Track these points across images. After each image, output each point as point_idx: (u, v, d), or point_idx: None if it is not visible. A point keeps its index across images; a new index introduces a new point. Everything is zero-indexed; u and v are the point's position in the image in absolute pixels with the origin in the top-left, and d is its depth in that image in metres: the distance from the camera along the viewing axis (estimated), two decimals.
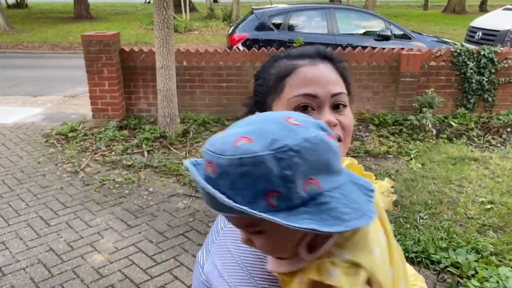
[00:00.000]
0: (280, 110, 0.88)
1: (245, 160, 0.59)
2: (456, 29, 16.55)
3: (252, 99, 0.99)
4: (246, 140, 0.61)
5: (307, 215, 0.59)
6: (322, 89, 0.88)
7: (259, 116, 0.68)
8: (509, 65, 5.94)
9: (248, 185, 0.59)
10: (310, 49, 0.94)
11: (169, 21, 5.24)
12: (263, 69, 0.97)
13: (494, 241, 3.32)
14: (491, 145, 5.28)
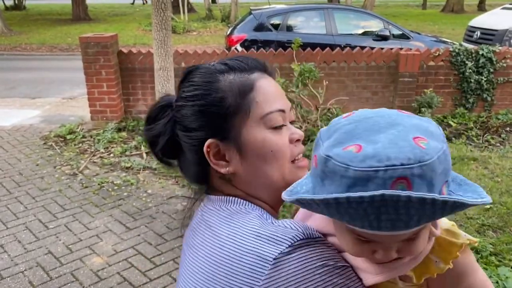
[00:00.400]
0: (254, 132, 0.80)
1: (441, 156, 0.58)
2: (455, 29, 16.56)
3: (185, 125, 0.84)
4: (424, 141, 0.59)
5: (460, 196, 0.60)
6: (285, 103, 0.85)
7: (361, 114, 0.68)
8: (507, 65, 5.94)
9: (445, 174, 0.60)
10: (251, 61, 0.87)
11: (167, 22, 5.23)
12: (199, 85, 0.83)
13: (493, 241, 3.32)
14: (490, 145, 5.28)
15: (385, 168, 0.55)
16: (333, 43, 7.20)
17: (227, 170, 0.83)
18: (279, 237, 0.71)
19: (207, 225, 0.83)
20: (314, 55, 5.91)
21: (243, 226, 0.77)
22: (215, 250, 0.77)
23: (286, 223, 0.75)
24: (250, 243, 0.73)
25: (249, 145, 0.81)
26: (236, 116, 0.81)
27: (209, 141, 0.81)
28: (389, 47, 6.36)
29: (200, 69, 0.86)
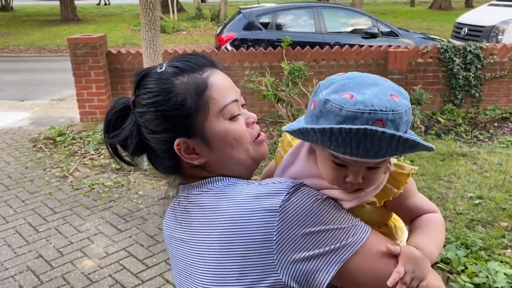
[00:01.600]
0: (216, 125, 0.91)
1: (407, 111, 0.78)
2: (443, 25, 16.68)
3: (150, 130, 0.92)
4: (397, 98, 0.78)
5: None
6: (236, 92, 0.96)
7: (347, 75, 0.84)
8: (494, 61, 6.00)
9: (407, 124, 0.79)
10: (199, 59, 0.94)
11: (156, 22, 5.20)
12: (156, 92, 0.89)
13: (483, 236, 3.35)
14: (478, 140, 5.33)
15: (369, 111, 0.74)
16: (323, 42, 7.21)
17: (199, 161, 0.93)
18: (276, 190, 0.84)
19: (200, 208, 0.90)
20: (304, 54, 5.92)
21: (239, 194, 0.87)
22: (222, 223, 0.85)
23: (272, 180, 0.88)
24: (253, 204, 0.83)
25: (214, 137, 0.91)
26: (197, 114, 0.89)
27: (178, 140, 0.91)
28: (378, 44, 6.39)
29: (153, 75, 0.92)
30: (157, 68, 0.93)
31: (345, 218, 0.85)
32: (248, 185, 0.90)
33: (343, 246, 0.82)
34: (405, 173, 0.92)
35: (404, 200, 0.95)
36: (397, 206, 0.96)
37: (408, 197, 0.96)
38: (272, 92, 4.96)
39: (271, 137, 5.41)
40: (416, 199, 0.97)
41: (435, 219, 0.97)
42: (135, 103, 0.93)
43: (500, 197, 3.89)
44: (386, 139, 0.74)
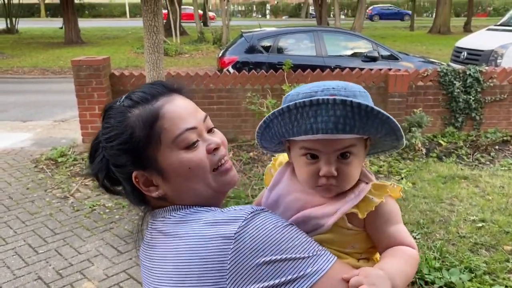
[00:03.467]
0: (168, 156, 0.88)
1: (362, 92, 0.88)
2: (442, 49, 16.88)
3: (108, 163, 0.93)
4: (345, 85, 0.89)
5: None
6: (195, 118, 0.91)
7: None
8: (494, 84, 6.05)
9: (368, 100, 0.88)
10: (155, 87, 0.92)
11: (159, 45, 5.28)
12: (113, 126, 0.90)
13: (487, 259, 3.32)
14: (480, 163, 5.33)
15: (322, 89, 0.84)
16: (323, 65, 7.29)
17: (158, 193, 0.92)
18: (233, 217, 0.82)
19: (163, 234, 0.89)
20: (305, 76, 5.98)
21: (198, 221, 0.85)
22: (179, 250, 0.84)
23: (234, 208, 0.87)
24: (209, 231, 0.81)
25: (168, 168, 0.89)
26: (149, 146, 0.88)
27: (135, 173, 0.91)
28: (378, 68, 6.46)
29: (112, 109, 0.92)
30: (118, 101, 0.93)
31: (306, 247, 0.81)
32: (209, 212, 0.88)
33: (301, 276, 0.78)
34: (386, 185, 0.93)
35: (384, 224, 0.93)
36: (376, 230, 0.94)
37: (390, 222, 0.94)
38: None
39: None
40: (398, 229, 0.95)
41: (409, 252, 0.93)
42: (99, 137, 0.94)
43: (503, 220, 3.87)
44: (339, 106, 0.80)
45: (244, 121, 6.05)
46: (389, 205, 0.94)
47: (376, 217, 0.92)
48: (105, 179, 0.95)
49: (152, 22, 5.14)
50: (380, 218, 0.93)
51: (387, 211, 0.93)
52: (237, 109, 5.96)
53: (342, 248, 0.94)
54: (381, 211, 0.92)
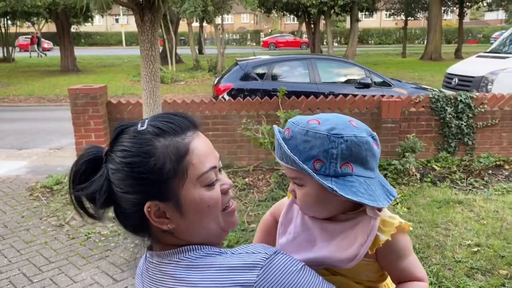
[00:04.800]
0: (191, 193, 0.87)
1: (310, 133, 0.91)
2: (434, 76, 17.17)
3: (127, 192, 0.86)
4: (316, 122, 0.93)
5: (335, 183, 0.89)
6: (215, 158, 0.93)
7: (334, 114, 0.97)
8: (485, 110, 6.16)
9: (307, 149, 0.91)
10: (183, 120, 0.90)
11: (156, 73, 5.37)
12: (134, 152, 0.85)
13: (483, 284, 3.32)
14: (474, 188, 5.37)
15: (290, 123, 0.97)
16: (317, 91, 7.40)
17: (168, 226, 0.88)
18: (250, 263, 0.83)
19: (173, 279, 0.86)
20: (299, 103, 6.07)
21: (212, 266, 0.84)
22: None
23: (246, 250, 0.88)
24: (227, 279, 0.81)
25: (187, 203, 0.87)
26: (174, 180, 0.85)
27: (149, 203, 0.86)
28: (371, 94, 6.57)
29: (132, 132, 0.87)
30: (138, 125, 0.89)
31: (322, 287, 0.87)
32: (220, 255, 0.87)
33: None
34: (394, 223, 0.96)
35: (395, 260, 0.98)
36: (389, 264, 0.99)
37: (400, 258, 0.98)
38: (269, 140, 5.04)
39: (268, 184, 5.44)
40: (408, 263, 0.99)
41: (421, 286, 0.99)
42: (108, 157, 0.88)
43: (498, 244, 3.89)
44: (279, 146, 0.94)
45: (239, 147, 6.10)
46: (398, 242, 0.97)
47: (386, 253, 0.97)
48: (103, 202, 0.87)
49: (149, 52, 5.24)
50: (390, 255, 0.97)
51: (396, 248, 0.97)
52: (232, 135, 6.02)
53: (357, 277, 1.01)
54: (390, 248, 0.96)
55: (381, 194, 0.93)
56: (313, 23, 23.98)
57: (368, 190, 0.91)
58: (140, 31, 5.22)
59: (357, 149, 0.91)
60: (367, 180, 0.92)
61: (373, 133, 0.95)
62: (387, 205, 0.93)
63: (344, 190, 0.89)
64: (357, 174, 0.91)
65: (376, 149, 0.94)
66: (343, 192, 0.88)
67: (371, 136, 0.94)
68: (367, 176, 0.92)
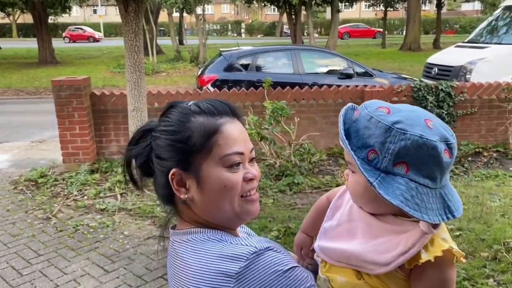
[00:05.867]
0: (212, 169, 0.93)
1: (373, 120, 0.87)
2: (413, 66, 17.43)
3: (163, 153, 0.96)
4: (386, 110, 0.88)
5: (381, 179, 0.85)
6: (245, 146, 0.97)
7: (410, 106, 0.91)
8: (465, 99, 6.32)
9: (365, 136, 0.87)
10: (223, 106, 0.98)
11: (140, 64, 5.34)
12: (173, 123, 0.96)
13: (465, 266, 3.45)
14: (455, 174, 5.53)
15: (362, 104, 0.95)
16: (301, 82, 7.46)
17: (186, 196, 0.96)
18: (237, 254, 0.88)
19: (179, 258, 0.96)
20: (285, 94, 6.12)
21: (208, 252, 0.91)
22: (187, 277, 0.92)
23: (243, 241, 0.92)
24: (214, 264, 0.88)
25: (206, 178, 0.94)
26: (199, 153, 0.93)
27: (174, 170, 0.95)
28: (354, 84, 6.66)
29: (178, 107, 0.98)
30: (185, 103, 0.99)
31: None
32: (220, 242, 0.93)
33: None
34: (443, 245, 0.87)
35: (427, 286, 0.89)
36: (416, 286, 0.91)
37: (434, 287, 0.89)
38: (256, 130, 5.08)
39: None
40: None
41: None
42: (156, 127, 0.99)
43: (479, 228, 4.03)
44: None
45: None
46: (439, 269, 0.87)
47: (421, 275, 0.88)
48: (140, 166, 0.99)
49: (133, 42, 5.22)
50: (424, 278, 0.88)
51: (434, 275, 0.88)
52: None
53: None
54: (427, 271, 0.88)
55: (436, 208, 0.85)
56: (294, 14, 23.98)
57: (415, 198, 0.83)
58: (124, 21, 5.17)
59: (418, 151, 0.82)
60: (421, 188, 0.84)
61: (450, 140, 0.85)
62: (437, 221, 0.84)
63: (384, 189, 0.83)
64: (410, 178, 0.84)
65: (445, 159, 0.84)
66: (382, 191, 0.83)
67: (445, 142, 0.84)
68: (423, 184, 0.84)
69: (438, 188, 0.86)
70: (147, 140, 1.00)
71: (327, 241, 1.02)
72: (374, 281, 0.93)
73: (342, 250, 0.96)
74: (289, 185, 5.07)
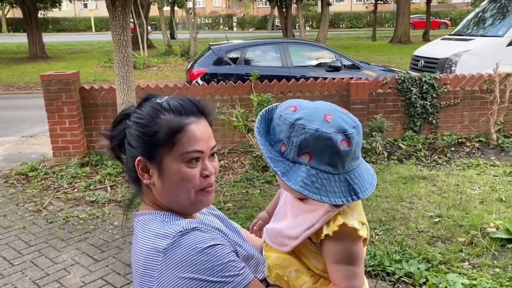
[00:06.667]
0: (172, 163, 1.05)
1: (282, 117, 0.99)
2: (403, 58, 17.56)
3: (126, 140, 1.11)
4: (293, 109, 1.00)
5: (288, 168, 0.97)
6: (206, 144, 1.09)
7: (317, 103, 1.04)
8: (448, 90, 6.46)
9: (277, 131, 1.00)
10: (191, 105, 1.08)
11: (129, 58, 5.41)
12: (144, 117, 1.07)
13: (442, 251, 3.59)
14: (437, 164, 5.67)
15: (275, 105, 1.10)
16: (289, 75, 7.57)
17: (148, 181, 1.09)
18: (166, 232, 1.01)
19: (134, 236, 1.11)
20: (272, 86, 6.22)
21: (149, 230, 1.05)
22: (135, 252, 1.07)
23: (179, 222, 1.06)
24: (150, 241, 1.02)
25: (167, 170, 1.06)
26: (163, 147, 1.05)
27: (139, 158, 1.08)
28: (341, 77, 6.77)
29: (151, 102, 1.09)
30: (159, 98, 1.10)
31: (223, 269, 0.97)
32: (162, 222, 1.06)
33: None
34: (340, 220, 0.99)
35: (328, 257, 1.02)
36: (325, 259, 1.04)
37: (333, 259, 1.02)
38: (243, 123, 5.18)
39: (243, 166, 5.60)
40: (337, 268, 1.02)
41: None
42: (133, 114, 1.11)
43: (457, 215, 4.17)
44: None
45: (214, 131, 6.00)
46: (338, 242, 1.00)
47: (324, 248, 1.02)
48: (116, 146, 1.14)
49: (121, 36, 5.28)
50: (326, 251, 1.02)
51: (332, 247, 1.00)
52: None
53: (308, 261, 1.08)
54: (328, 244, 1.01)
55: (340, 191, 0.95)
56: (285, 7, 24.01)
57: (315, 183, 0.94)
58: (111, 16, 5.23)
59: (316, 142, 0.93)
60: (322, 174, 0.94)
61: (349, 131, 0.95)
62: (340, 202, 0.94)
63: (286, 176, 0.95)
64: (312, 166, 0.94)
65: (343, 148, 0.93)
66: (285, 178, 0.95)
67: (343, 133, 0.94)
68: (323, 170, 0.94)
69: (342, 173, 0.96)
70: (123, 125, 1.12)
71: (271, 223, 1.18)
72: (299, 253, 1.09)
73: (274, 229, 1.12)
74: (275, 176, 5.17)
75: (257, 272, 1.14)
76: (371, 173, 1.04)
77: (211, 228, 1.12)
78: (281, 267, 1.10)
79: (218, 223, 1.23)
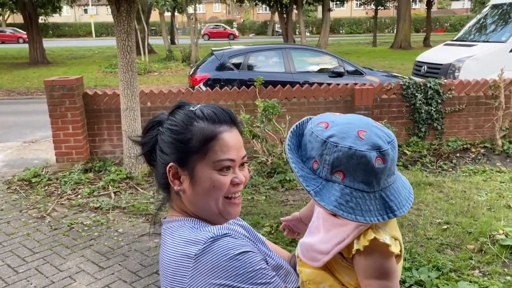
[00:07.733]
0: (204, 170, 1.05)
1: (314, 134, 0.97)
2: (404, 64, 17.59)
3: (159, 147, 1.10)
4: (324, 125, 0.97)
5: (322, 186, 0.95)
6: (237, 153, 1.08)
7: (350, 117, 1.00)
8: (453, 96, 6.44)
9: (309, 148, 0.98)
10: (224, 114, 1.09)
11: (133, 64, 5.39)
12: (178, 124, 1.07)
13: (452, 258, 3.55)
14: (443, 170, 5.64)
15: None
16: (292, 81, 7.54)
17: (178, 188, 1.09)
18: (197, 239, 1.01)
19: (163, 243, 1.11)
20: (276, 92, 6.20)
21: (178, 237, 1.05)
22: (164, 259, 1.06)
23: (210, 228, 1.05)
24: (180, 247, 1.02)
25: (198, 176, 1.06)
26: (196, 154, 1.05)
27: (171, 164, 1.08)
28: (344, 82, 6.75)
29: (184, 110, 1.10)
30: (192, 106, 1.11)
31: (255, 276, 0.96)
32: (191, 229, 1.06)
33: None
34: (371, 235, 0.97)
35: (360, 273, 1.00)
36: (357, 275, 1.02)
37: (364, 274, 0.99)
38: (248, 129, 5.15)
39: (248, 172, 5.56)
40: (369, 283, 0.99)
41: None
42: (165, 122, 1.11)
43: (465, 222, 4.14)
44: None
45: None
46: (368, 257, 0.97)
47: (356, 263, 1.01)
48: (147, 152, 1.13)
49: (125, 42, 5.26)
50: (357, 266, 1.00)
51: (363, 263, 0.99)
52: None
53: (341, 277, 1.06)
54: (360, 259, 0.99)
55: (375, 209, 0.93)
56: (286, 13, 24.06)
57: (350, 203, 0.91)
58: (116, 21, 5.22)
59: (349, 160, 0.91)
60: (357, 192, 0.92)
61: (383, 147, 0.92)
62: (375, 221, 0.92)
63: (319, 195, 0.93)
64: (346, 184, 0.92)
65: (378, 165, 0.91)
66: (318, 198, 0.93)
67: (378, 150, 0.91)
68: (358, 189, 0.92)
69: (377, 191, 0.93)
70: (155, 132, 1.12)
71: (305, 237, 1.16)
72: (332, 269, 1.07)
73: (307, 243, 1.10)
74: (281, 182, 5.15)
75: (287, 282, 1.12)
76: (407, 187, 1.01)
77: (240, 235, 1.11)
78: (315, 282, 1.07)
79: (245, 233, 1.21)
